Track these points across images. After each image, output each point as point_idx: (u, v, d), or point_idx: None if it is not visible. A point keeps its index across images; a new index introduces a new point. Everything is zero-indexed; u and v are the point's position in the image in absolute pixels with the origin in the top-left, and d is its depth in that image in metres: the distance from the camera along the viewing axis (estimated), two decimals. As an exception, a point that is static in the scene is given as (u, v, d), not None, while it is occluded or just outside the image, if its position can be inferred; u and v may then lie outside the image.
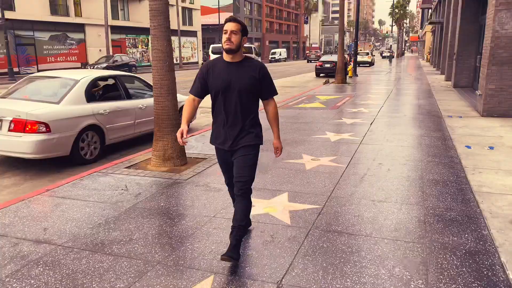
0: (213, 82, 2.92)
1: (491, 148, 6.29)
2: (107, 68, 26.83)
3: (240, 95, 2.89)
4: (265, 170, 5.34)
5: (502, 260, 2.98)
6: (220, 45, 44.59)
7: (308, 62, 56.00)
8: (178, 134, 2.91)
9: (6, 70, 28.56)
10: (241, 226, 2.93)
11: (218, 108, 2.97)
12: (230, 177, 3.15)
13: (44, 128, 5.44)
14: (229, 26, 2.81)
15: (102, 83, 7.02)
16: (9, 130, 5.45)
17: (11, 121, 5.44)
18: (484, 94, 9.05)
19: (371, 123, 8.71)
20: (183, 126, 2.95)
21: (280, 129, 3.39)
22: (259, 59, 45.25)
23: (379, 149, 6.46)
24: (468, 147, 6.38)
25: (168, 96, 5.40)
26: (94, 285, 2.75)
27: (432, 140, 6.99)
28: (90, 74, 6.59)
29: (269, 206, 4.13)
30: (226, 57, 2.91)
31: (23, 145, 5.39)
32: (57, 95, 6.05)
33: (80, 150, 5.99)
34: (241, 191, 2.95)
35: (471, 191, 4.44)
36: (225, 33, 2.81)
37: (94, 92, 6.65)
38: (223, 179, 3.52)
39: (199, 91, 3.01)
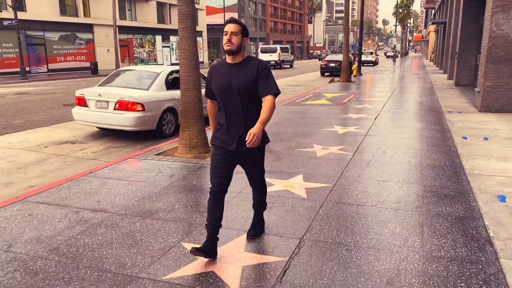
0: (215, 84, 2.96)
1: (486, 139, 6.89)
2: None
3: (240, 95, 2.88)
4: (280, 157, 5.96)
5: (486, 223, 3.59)
6: (267, 45, 47.03)
7: (319, 60, 57.20)
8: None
9: (18, 69, 29.39)
10: (262, 211, 3.46)
11: (221, 109, 2.99)
12: (221, 183, 2.99)
13: (141, 108, 7.20)
14: (229, 28, 2.83)
15: (174, 75, 8.29)
16: (114, 109, 7.24)
17: (116, 102, 7.20)
18: (482, 91, 9.63)
19: (375, 118, 9.32)
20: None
21: (291, 123, 3.99)
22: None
23: (383, 140, 7.07)
24: (465, 138, 6.97)
25: (194, 91, 6.04)
26: (150, 240, 3.38)
27: (432, 132, 7.59)
28: (166, 68, 8.32)
29: (287, 184, 4.75)
30: (228, 58, 2.94)
31: (125, 120, 7.19)
32: (145, 84, 7.75)
33: (162, 126, 7.74)
34: (258, 190, 3.32)
35: (464, 174, 5.04)
36: (225, 34, 2.84)
37: (170, 82, 8.11)
38: None
39: (210, 95, 3.09)
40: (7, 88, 19.57)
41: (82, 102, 7.73)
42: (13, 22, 27.09)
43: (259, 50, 40.32)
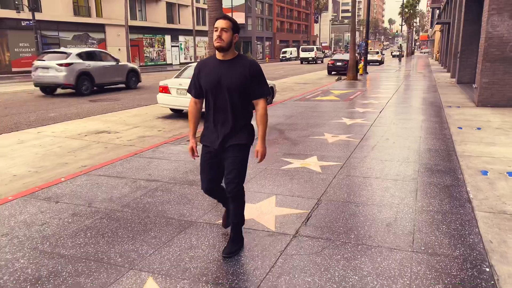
0: (204, 80, 2.90)
1: (479, 128, 7.71)
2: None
3: (230, 93, 2.83)
4: (296, 143, 6.84)
5: (468, 189, 4.44)
6: (306, 46, 53.07)
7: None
8: (189, 152, 3.05)
9: (36, 68, 30.40)
10: (238, 223, 3.14)
11: (209, 106, 2.93)
12: (211, 180, 3.07)
13: None
14: (220, 24, 2.79)
15: None
16: None
17: None
18: (479, 87, 10.44)
19: (380, 111, 10.17)
20: (191, 143, 3.05)
21: (303, 116, 4.82)
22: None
23: (386, 129, 7.92)
24: (460, 128, 7.80)
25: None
26: (200, 199, 4.27)
27: (431, 123, 8.43)
28: None
29: (304, 163, 5.63)
30: (218, 55, 2.88)
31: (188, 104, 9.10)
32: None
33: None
34: (232, 192, 2.93)
35: (456, 155, 5.89)
36: (215, 30, 2.79)
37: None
38: (267, 147, 4.97)
39: (196, 92, 3.00)
40: (29, 85, 20.60)
41: (166, 90, 9.75)
42: (31, 22, 28.18)
43: (300, 49, 52.25)
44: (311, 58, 49.15)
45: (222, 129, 2.90)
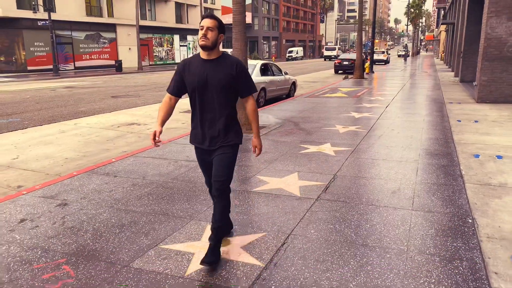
0: (189, 79, 2.86)
1: (476, 121, 8.48)
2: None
3: (216, 92, 2.82)
4: (310, 133, 7.65)
5: (461, 168, 5.23)
6: (329, 46, 61.79)
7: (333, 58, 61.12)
8: (151, 136, 2.86)
9: (49, 66, 31.57)
10: (220, 227, 2.95)
11: (195, 106, 2.90)
12: (210, 176, 3.08)
13: None
14: (206, 23, 2.76)
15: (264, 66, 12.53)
16: None
17: None
18: (479, 85, 11.19)
19: (386, 107, 10.96)
20: (157, 127, 2.89)
21: (314, 110, 5.62)
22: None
23: (392, 122, 8.71)
24: (459, 121, 8.58)
25: (243, 81, 7.74)
26: (235, 174, 5.08)
27: (433, 117, 9.21)
28: (259, 62, 12.49)
29: (319, 148, 6.44)
30: (203, 54, 2.85)
31: None
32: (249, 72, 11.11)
33: (258, 100, 11.41)
34: (218, 191, 2.90)
35: (453, 142, 6.67)
36: (201, 29, 2.77)
37: (262, 70, 12.22)
38: (284, 137, 5.77)
39: (175, 90, 2.95)
40: (48, 83, 21.57)
41: None
42: (46, 22, 29.17)
43: (324, 48, 66.32)
44: (333, 56, 58.66)
45: (210, 130, 2.89)
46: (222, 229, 3.01)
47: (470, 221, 3.65)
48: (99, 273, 2.87)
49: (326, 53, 63.09)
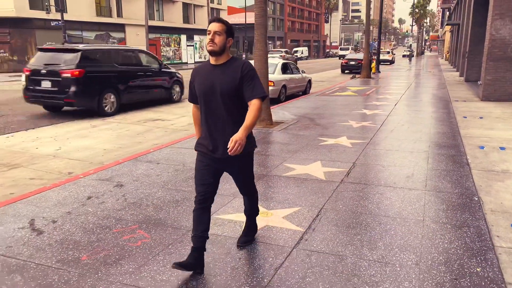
0: (198, 87, 2.82)
1: (481, 117, 9.04)
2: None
3: (223, 98, 2.72)
4: (327, 127, 8.24)
5: (467, 157, 5.81)
6: (344, 47, 65.31)
7: (339, 59, 62.18)
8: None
9: (63, 65, 32.11)
10: (252, 214, 3.32)
11: (205, 113, 2.82)
12: (206, 192, 2.85)
13: (272, 84, 11.70)
14: (213, 27, 2.68)
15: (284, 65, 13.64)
16: None
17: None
18: (483, 84, 11.74)
19: (395, 104, 11.53)
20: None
21: (327, 107, 6.38)
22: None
23: (401, 118, 9.28)
24: (465, 117, 9.14)
25: (264, 79, 8.32)
26: (264, 162, 5.69)
27: (440, 114, 9.77)
28: (280, 61, 13.48)
29: (336, 141, 7.03)
30: (211, 59, 2.78)
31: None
32: (271, 70, 11.79)
33: (279, 96, 12.63)
34: (247, 196, 3.20)
35: (460, 136, 7.24)
36: (208, 34, 2.68)
37: (282, 69, 13.22)
38: (303, 131, 6.32)
39: (194, 98, 2.93)
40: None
41: None
42: (59, 23, 29.92)
43: (339, 48, 72.51)
44: (346, 55, 64.08)
45: (219, 137, 2.78)
46: (255, 213, 3.32)
47: (476, 199, 4.23)
48: (169, 235, 3.48)
49: (340, 52, 68.29)
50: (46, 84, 9.96)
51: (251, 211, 3.27)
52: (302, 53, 65.23)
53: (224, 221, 3.77)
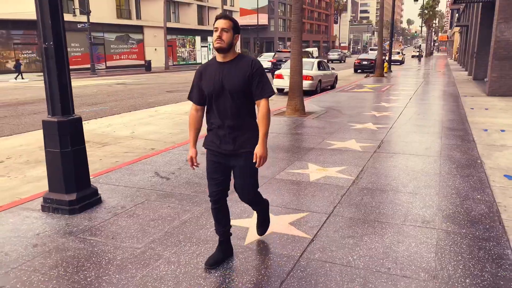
0: (205, 84, 2.80)
1: (486, 109, 10.39)
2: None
3: (232, 96, 2.73)
4: (353, 116, 9.66)
5: (473, 136, 7.18)
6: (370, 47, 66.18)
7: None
8: (189, 162, 2.92)
9: (83, 66, 34.14)
10: (266, 220, 3.35)
11: (213, 111, 2.82)
12: (218, 192, 2.93)
13: (311, 79, 14.80)
14: (220, 24, 2.67)
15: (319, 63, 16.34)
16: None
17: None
18: (489, 80, 13.06)
19: (409, 98, 12.92)
20: (191, 152, 2.94)
21: (349, 102, 8.44)
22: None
23: (416, 109, 10.67)
24: (472, 108, 10.50)
25: (299, 76, 9.76)
26: (293, 149, 7.12)
27: (450, 106, 11.13)
28: (316, 60, 16.23)
29: (364, 126, 8.43)
30: (218, 56, 2.78)
31: (306, 84, 13.58)
32: (309, 67, 15.05)
33: (316, 89, 15.20)
34: (250, 202, 3.09)
35: (467, 122, 8.61)
36: (215, 31, 2.67)
37: (318, 66, 15.87)
38: (334, 119, 7.72)
39: (198, 98, 2.90)
40: (92, 80, 23.89)
41: (280, 76, 15.07)
42: (85, 25, 31.67)
43: (368, 50, 68.59)
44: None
45: (229, 134, 2.79)
46: (267, 209, 3.32)
47: (479, 162, 5.63)
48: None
49: (370, 52, 75.40)
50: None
51: (262, 212, 3.29)
52: (312, 53, 66.61)
53: (293, 173, 5.21)
